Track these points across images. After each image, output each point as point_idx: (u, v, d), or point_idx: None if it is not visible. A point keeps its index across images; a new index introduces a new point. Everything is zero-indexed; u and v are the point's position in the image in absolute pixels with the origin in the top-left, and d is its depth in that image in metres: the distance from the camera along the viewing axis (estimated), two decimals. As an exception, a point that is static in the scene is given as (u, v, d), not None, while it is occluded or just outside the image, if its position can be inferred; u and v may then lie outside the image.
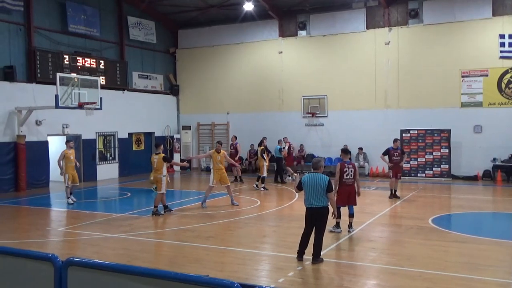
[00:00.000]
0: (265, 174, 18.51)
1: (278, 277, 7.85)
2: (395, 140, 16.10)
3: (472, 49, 20.73)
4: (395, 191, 15.71)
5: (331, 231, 10.60)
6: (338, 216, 10.33)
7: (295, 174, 20.56)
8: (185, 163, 16.24)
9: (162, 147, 14.18)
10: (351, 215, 11.07)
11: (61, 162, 15.33)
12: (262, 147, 19.26)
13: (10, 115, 18.48)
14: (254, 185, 18.64)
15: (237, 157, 21.92)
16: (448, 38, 21.16)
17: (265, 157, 18.87)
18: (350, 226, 11.03)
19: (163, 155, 13.59)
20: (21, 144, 18.46)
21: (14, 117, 18.55)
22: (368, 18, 22.70)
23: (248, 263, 8.72)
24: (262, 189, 18.20)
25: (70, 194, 15.61)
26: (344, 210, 11.08)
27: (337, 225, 10.86)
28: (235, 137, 23.18)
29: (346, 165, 11.03)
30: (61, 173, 15.44)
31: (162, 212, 13.39)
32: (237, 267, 8.40)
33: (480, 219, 13.31)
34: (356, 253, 9.59)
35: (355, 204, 11.21)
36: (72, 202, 15.44)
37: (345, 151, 12.05)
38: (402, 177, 17.98)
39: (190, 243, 10.25)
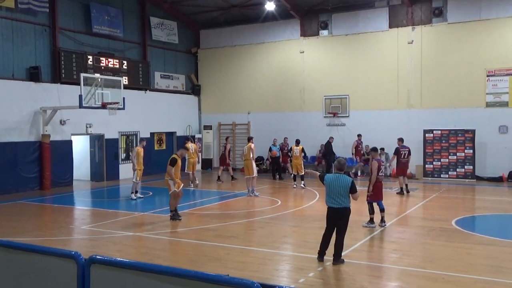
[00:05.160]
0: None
1: (299, 277, 7.84)
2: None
3: (498, 48, 20.34)
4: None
5: (365, 226, 11.23)
6: (371, 212, 11.36)
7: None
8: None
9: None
10: (382, 210, 11.50)
11: (134, 158, 15.97)
12: (302, 146, 19.13)
13: (35, 115, 18.83)
14: (302, 185, 18.54)
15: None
16: (473, 36, 20.80)
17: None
18: (382, 220, 11.45)
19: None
20: (46, 143, 18.79)
21: (39, 117, 18.89)
22: (391, 17, 22.45)
23: (269, 263, 8.71)
24: (302, 186, 18.46)
25: (136, 191, 16.18)
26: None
27: (371, 220, 11.37)
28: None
29: (381, 162, 11.71)
30: (133, 169, 16.00)
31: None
32: (257, 267, 8.40)
33: (505, 221, 13.04)
34: (378, 254, 9.53)
35: (382, 199, 11.73)
36: (135, 198, 16.03)
37: (375, 149, 12.31)
38: (424, 178, 18.31)
39: (210, 242, 10.29)
